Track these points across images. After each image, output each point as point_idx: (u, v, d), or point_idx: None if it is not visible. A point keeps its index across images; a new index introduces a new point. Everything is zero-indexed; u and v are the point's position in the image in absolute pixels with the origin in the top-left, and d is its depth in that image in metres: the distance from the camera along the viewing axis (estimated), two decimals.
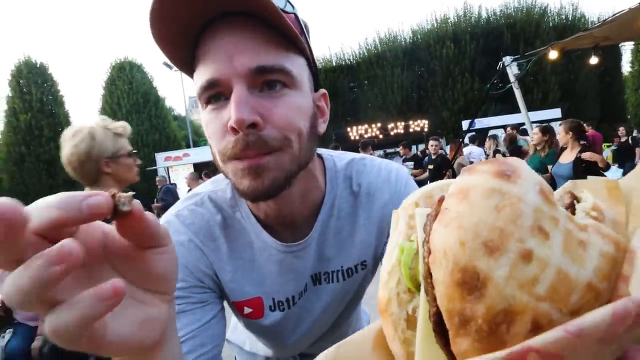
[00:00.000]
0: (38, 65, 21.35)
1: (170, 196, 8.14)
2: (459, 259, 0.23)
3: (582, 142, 4.02)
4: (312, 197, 0.73)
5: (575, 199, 0.31)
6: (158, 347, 0.37)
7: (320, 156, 0.78)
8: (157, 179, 8.88)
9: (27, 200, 0.28)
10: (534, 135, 5.01)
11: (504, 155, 6.23)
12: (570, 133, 4.03)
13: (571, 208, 0.29)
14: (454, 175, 6.12)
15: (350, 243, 0.77)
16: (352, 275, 0.78)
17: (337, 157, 0.80)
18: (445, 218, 0.25)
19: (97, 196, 0.28)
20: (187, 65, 0.60)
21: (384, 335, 0.31)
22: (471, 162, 6.88)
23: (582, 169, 3.76)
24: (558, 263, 0.22)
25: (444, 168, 6.25)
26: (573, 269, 0.23)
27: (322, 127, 0.69)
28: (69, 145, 1.73)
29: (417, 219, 0.31)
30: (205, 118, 0.60)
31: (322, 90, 0.71)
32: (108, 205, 0.28)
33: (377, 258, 0.80)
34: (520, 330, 0.21)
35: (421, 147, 13.21)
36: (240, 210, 0.72)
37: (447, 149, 8.07)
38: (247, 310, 0.75)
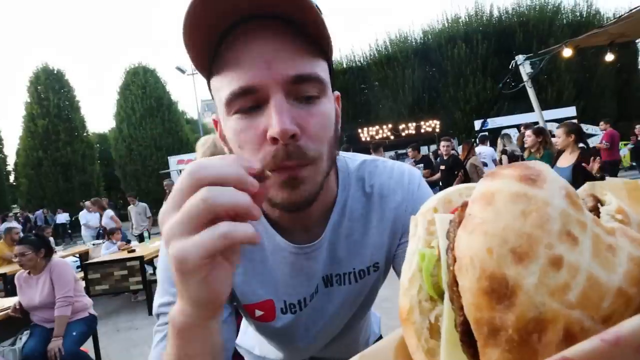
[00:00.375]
0: (55, 72, 21.92)
1: None
2: (486, 266, 0.22)
3: (580, 146, 3.92)
4: (325, 198, 0.72)
5: (598, 201, 0.30)
6: (217, 311, 0.45)
7: None
8: (165, 183, 8.73)
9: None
10: (526, 138, 4.93)
11: (511, 154, 6.12)
12: (573, 136, 3.91)
13: (595, 211, 0.29)
14: (466, 176, 6.03)
15: (362, 245, 0.76)
16: (364, 277, 0.77)
17: (349, 159, 0.80)
18: (470, 224, 0.24)
19: (256, 162, 0.44)
20: (207, 67, 0.58)
21: (406, 345, 0.31)
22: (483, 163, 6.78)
23: (581, 175, 3.66)
24: (588, 269, 0.22)
25: (456, 169, 6.18)
26: (603, 274, 0.22)
27: (339, 131, 0.69)
28: (200, 151, 2.34)
29: (437, 225, 0.30)
30: (233, 126, 0.56)
31: (336, 93, 0.70)
32: (260, 168, 0.43)
33: (389, 260, 0.79)
34: (552, 339, 0.21)
35: (433, 147, 13.12)
36: None
37: (460, 149, 7.97)
38: (258, 313, 0.75)
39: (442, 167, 6.42)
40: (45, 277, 3.17)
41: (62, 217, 17.35)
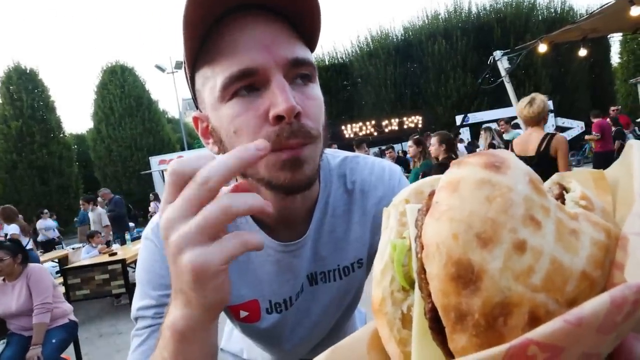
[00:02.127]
0: (28, 71, 21.03)
1: (121, 206, 8.02)
2: (452, 252, 0.22)
3: (451, 155, 4.10)
4: (309, 194, 0.72)
5: (564, 189, 0.31)
6: (220, 312, 0.45)
7: None
8: (101, 192, 8.04)
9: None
10: (409, 148, 5.09)
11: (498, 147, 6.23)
12: (444, 145, 4.12)
13: (561, 198, 0.29)
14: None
15: (345, 241, 0.76)
16: (349, 274, 0.78)
17: (330, 155, 0.80)
18: (437, 212, 0.24)
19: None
20: (193, 61, 0.58)
21: (379, 336, 0.31)
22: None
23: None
24: (552, 252, 0.22)
25: None
26: (567, 258, 0.22)
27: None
28: (527, 107, 3.24)
29: (408, 214, 0.30)
30: (228, 112, 0.56)
31: None
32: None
33: (372, 256, 0.79)
34: (517, 322, 0.21)
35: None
36: None
37: None
38: (243, 314, 0.74)
39: None
40: (22, 284, 3.07)
41: (11, 229, 16.03)
